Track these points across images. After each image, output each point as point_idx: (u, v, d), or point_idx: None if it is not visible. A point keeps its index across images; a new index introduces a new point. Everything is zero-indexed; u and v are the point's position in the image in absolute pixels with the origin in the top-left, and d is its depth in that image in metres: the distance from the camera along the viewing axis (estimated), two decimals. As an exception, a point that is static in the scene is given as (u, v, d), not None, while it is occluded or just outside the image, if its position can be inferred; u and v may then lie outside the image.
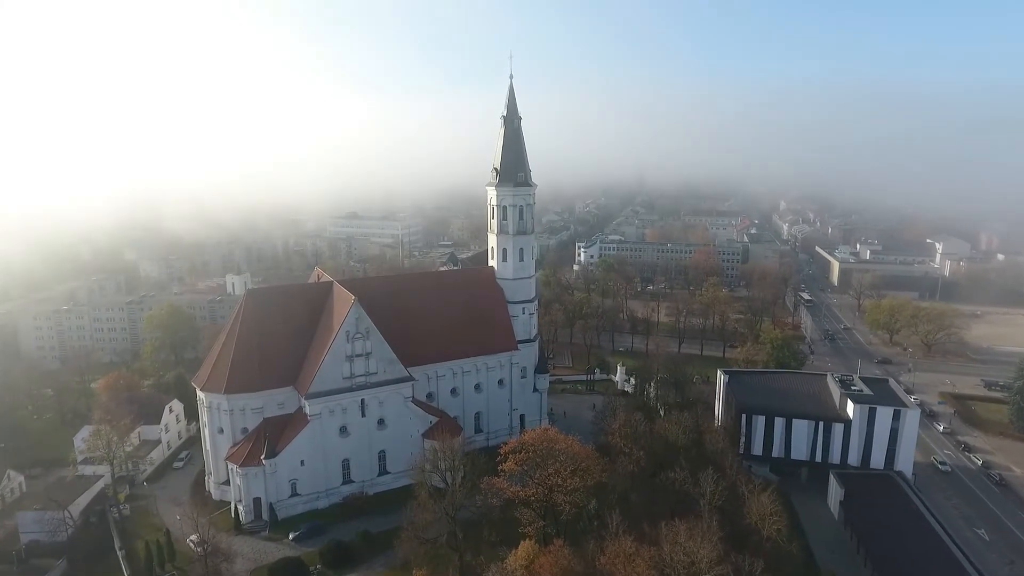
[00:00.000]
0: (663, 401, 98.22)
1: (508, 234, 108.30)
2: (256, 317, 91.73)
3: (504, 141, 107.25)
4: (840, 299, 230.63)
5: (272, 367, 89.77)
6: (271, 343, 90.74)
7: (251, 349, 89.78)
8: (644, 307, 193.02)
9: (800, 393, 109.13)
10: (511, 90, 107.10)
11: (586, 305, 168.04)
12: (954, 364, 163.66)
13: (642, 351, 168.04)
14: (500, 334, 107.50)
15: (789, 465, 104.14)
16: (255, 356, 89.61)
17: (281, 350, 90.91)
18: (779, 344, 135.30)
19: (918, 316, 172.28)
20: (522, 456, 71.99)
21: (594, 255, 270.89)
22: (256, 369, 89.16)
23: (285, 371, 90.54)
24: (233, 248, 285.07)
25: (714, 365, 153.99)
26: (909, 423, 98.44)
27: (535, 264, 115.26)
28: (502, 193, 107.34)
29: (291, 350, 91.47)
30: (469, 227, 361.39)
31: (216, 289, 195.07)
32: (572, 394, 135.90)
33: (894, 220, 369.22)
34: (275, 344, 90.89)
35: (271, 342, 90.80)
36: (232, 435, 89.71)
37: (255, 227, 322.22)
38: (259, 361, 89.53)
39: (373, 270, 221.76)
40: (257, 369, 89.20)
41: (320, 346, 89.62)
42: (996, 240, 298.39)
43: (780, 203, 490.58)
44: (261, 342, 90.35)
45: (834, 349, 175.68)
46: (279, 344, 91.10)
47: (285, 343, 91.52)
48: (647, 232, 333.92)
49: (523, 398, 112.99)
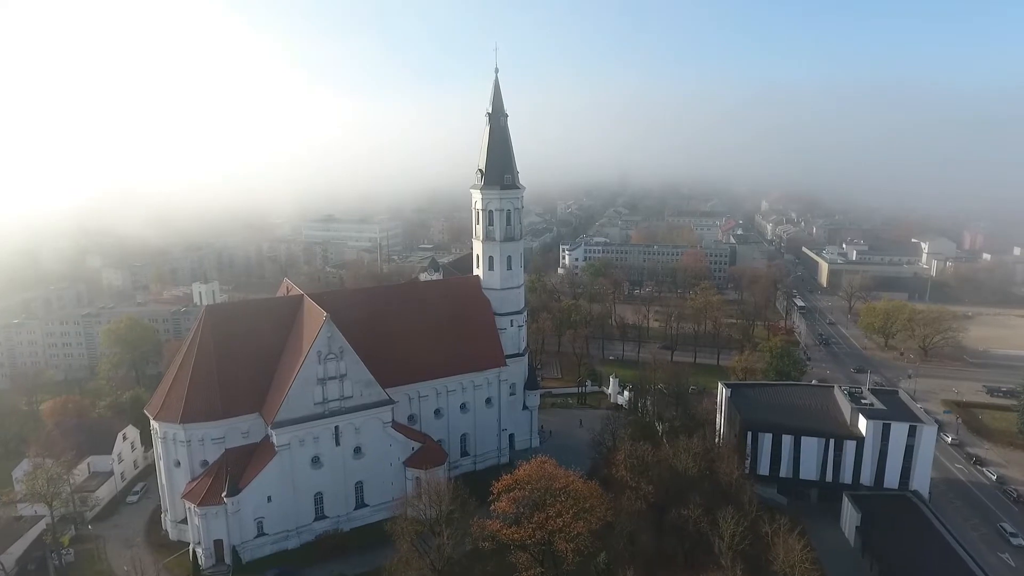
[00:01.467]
0: (664, 420, 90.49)
1: (495, 241, 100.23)
2: (216, 336, 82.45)
3: (489, 140, 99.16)
4: (830, 301, 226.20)
5: (234, 392, 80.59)
6: (233, 365, 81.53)
7: (210, 372, 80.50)
8: (633, 312, 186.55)
9: (807, 408, 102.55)
10: (496, 85, 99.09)
11: (575, 312, 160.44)
12: (952, 369, 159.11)
13: (634, 359, 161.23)
14: (487, 349, 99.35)
15: (798, 486, 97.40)
16: (215, 380, 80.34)
17: (245, 373, 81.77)
18: (779, 352, 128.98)
19: (914, 319, 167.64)
20: (517, 494, 63.85)
21: (579, 258, 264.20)
22: (216, 395, 79.91)
23: (249, 396, 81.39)
24: (203, 255, 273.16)
25: (709, 374, 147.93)
26: (926, 439, 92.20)
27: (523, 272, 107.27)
28: (488, 196, 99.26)
29: (256, 373, 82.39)
30: (450, 229, 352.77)
31: (182, 299, 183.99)
32: (562, 409, 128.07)
33: (877, 220, 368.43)
34: (238, 366, 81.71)
35: (233, 364, 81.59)
36: (190, 469, 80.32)
37: (228, 232, 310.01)
38: (220, 386, 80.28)
39: (350, 276, 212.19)
40: (217, 395, 79.96)
41: (288, 368, 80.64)
42: (980, 239, 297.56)
43: (762, 203, 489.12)
44: (222, 364, 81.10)
45: (829, 354, 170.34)
46: (242, 366, 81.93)
47: (249, 365, 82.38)
48: (631, 233, 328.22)
49: (512, 417, 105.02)
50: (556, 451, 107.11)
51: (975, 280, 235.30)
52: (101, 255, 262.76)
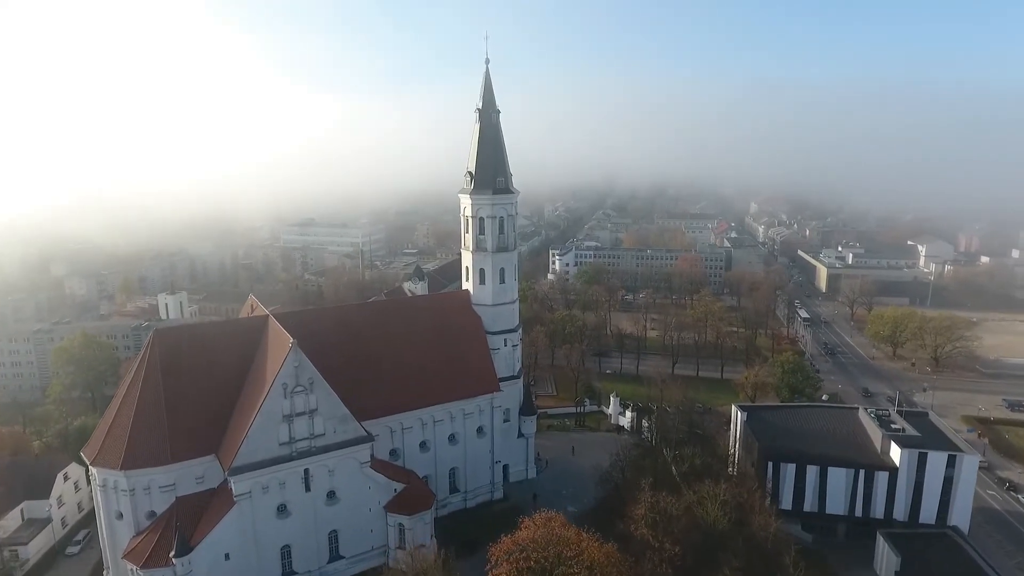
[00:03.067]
0: (683, 459, 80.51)
1: (486, 251, 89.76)
2: (165, 365, 71.09)
3: (480, 139, 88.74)
4: (831, 307, 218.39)
5: (186, 431, 69.28)
6: (185, 399, 70.23)
7: (158, 408, 69.13)
8: (629, 321, 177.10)
9: (832, 433, 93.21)
10: (487, 78, 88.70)
11: (569, 324, 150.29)
12: (967, 381, 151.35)
13: (633, 372, 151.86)
14: (478, 373, 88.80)
15: (824, 520, 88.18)
16: (163, 418, 68.97)
17: (199, 408, 70.51)
18: (790, 367, 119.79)
19: (924, 327, 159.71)
20: (520, 560, 53.44)
21: (570, 263, 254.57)
22: (164, 435, 68.56)
23: (204, 436, 70.13)
24: (175, 261, 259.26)
25: (714, 389, 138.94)
26: (966, 470, 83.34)
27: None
28: (478, 202, 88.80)
29: (212, 408, 71.14)
30: (435, 233, 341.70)
31: (147, 311, 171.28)
32: (559, 432, 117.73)
33: (871, 221, 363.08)
34: (191, 401, 70.40)
35: (185, 398, 70.29)
36: (134, 521, 68.89)
37: (203, 237, 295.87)
38: (169, 424, 68.92)
39: (329, 285, 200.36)
40: (166, 435, 68.60)
41: (250, 403, 69.53)
42: (976, 241, 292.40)
43: (751, 204, 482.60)
44: (172, 399, 69.75)
45: (837, 366, 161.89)
46: (196, 400, 70.65)
47: (204, 399, 71.12)
48: (622, 237, 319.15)
49: (506, 446, 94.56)
50: (555, 482, 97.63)
51: (976, 284, 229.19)
52: (67, 262, 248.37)
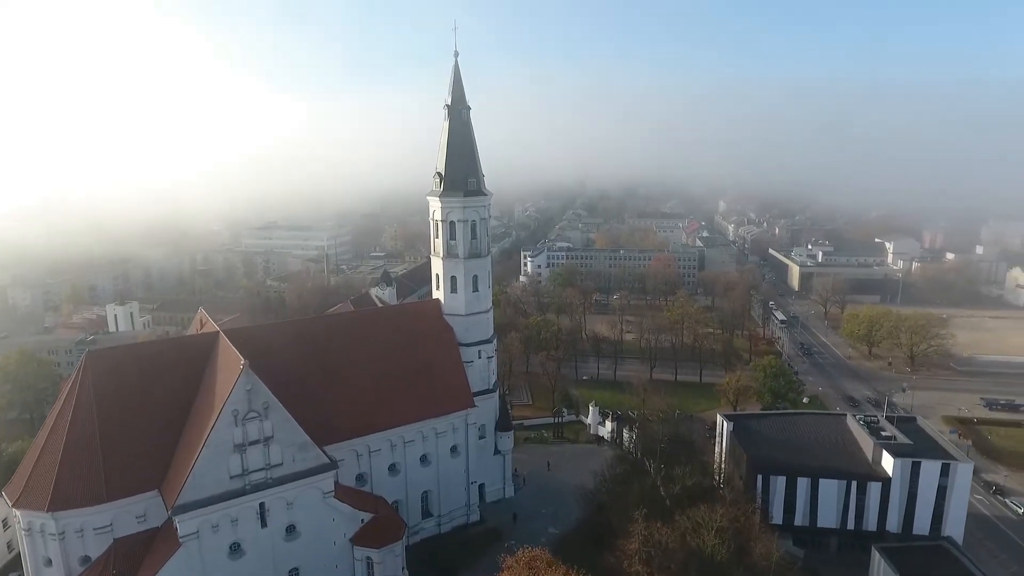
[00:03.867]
0: (671, 479, 75.67)
1: (458, 258, 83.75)
2: (100, 391, 63.45)
3: (449, 137, 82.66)
4: (804, 306, 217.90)
5: (125, 465, 61.76)
6: (123, 429, 62.69)
7: (91, 440, 61.47)
8: (605, 324, 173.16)
9: (821, 442, 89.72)
10: (456, 71, 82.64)
11: (545, 329, 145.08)
12: (943, 379, 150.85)
13: (610, 378, 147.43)
14: (451, 387, 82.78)
15: (815, 534, 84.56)
16: (97, 451, 61.34)
17: (138, 439, 63.03)
18: (772, 371, 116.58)
19: (899, 326, 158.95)
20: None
21: (541, 265, 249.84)
22: (99, 470, 60.95)
23: (145, 469, 62.65)
24: (128, 269, 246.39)
25: (693, 393, 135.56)
26: (960, 479, 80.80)
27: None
28: (448, 205, 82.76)
29: (154, 438, 63.70)
30: (403, 235, 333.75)
31: (95, 323, 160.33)
32: (537, 444, 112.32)
33: (838, 219, 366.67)
34: (129, 430, 62.91)
35: (123, 428, 62.75)
36: (65, 568, 61.14)
37: (160, 242, 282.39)
38: (104, 458, 61.32)
39: (293, 291, 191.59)
40: (100, 470, 61.01)
41: (197, 432, 62.36)
42: (941, 238, 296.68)
43: (720, 203, 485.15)
44: (107, 429, 62.16)
45: (814, 366, 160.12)
46: (135, 430, 63.17)
47: (145, 428, 63.67)
48: (594, 237, 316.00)
49: (482, 464, 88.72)
50: (534, 501, 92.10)
51: (944, 281, 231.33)
52: (9, 271, 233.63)
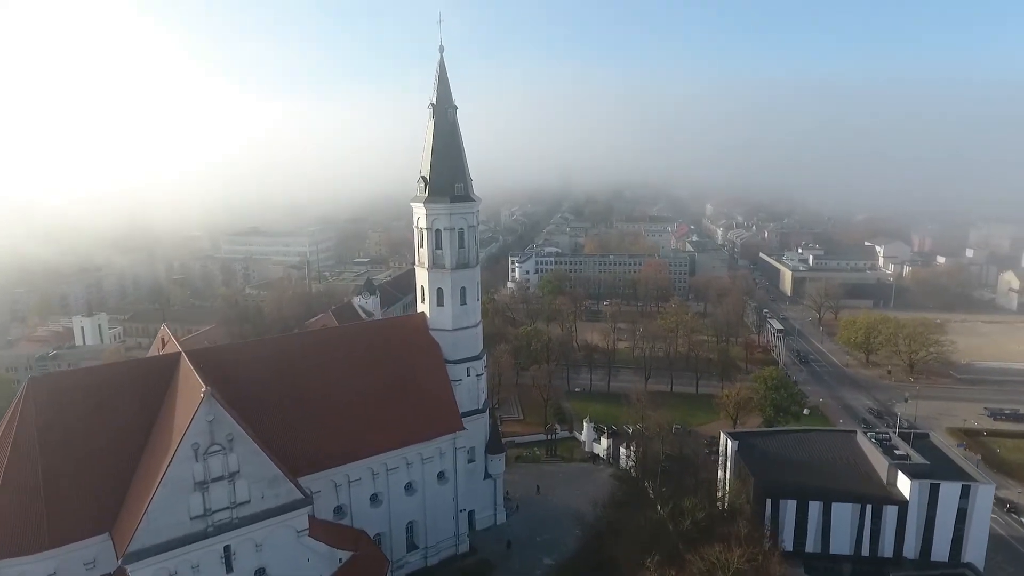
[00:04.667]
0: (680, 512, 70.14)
1: (444, 268, 77.80)
2: (44, 422, 56.66)
3: (434, 139, 76.78)
4: (798, 311, 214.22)
5: (71, 507, 55.02)
6: (69, 466, 55.94)
7: (32, 479, 54.59)
8: (594, 331, 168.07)
9: (832, 462, 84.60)
10: (441, 68, 76.82)
11: (535, 340, 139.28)
12: (943, 388, 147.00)
13: (604, 390, 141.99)
14: (438, 409, 76.65)
15: (828, 561, 79.35)
16: (39, 491, 54.51)
17: (87, 477, 56.29)
18: (774, 384, 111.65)
19: (897, 333, 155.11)
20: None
21: (530, 271, 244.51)
22: (42, 512, 54.11)
23: (94, 511, 55.89)
24: (101, 277, 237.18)
25: (690, 405, 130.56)
26: (981, 501, 75.77)
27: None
28: (434, 212, 76.81)
29: (105, 475, 56.97)
30: (387, 241, 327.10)
31: (62, 336, 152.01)
32: (529, 463, 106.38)
33: (825, 222, 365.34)
34: (77, 467, 56.16)
35: (69, 464, 56.00)
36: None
37: (133, 249, 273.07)
38: (47, 499, 54.52)
39: (272, 299, 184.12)
40: (43, 512, 54.17)
41: (153, 469, 55.70)
42: (929, 241, 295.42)
43: (707, 206, 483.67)
44: (51, 465, 55.36)
45: (812, 375, 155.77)
46: (84, 467, 56.42)
47: (95, 464, 56.92)
48: (583, 241, 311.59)
49: (472, 490, 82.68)
50: (528, 527, 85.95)
51: (935, 285, 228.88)
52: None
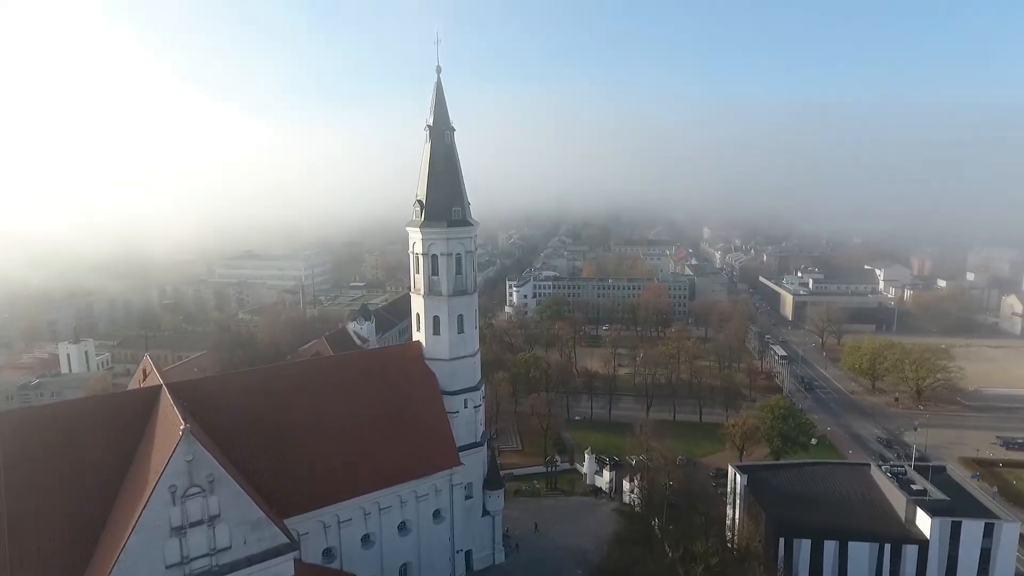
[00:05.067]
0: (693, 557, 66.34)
1: (440, 295, 74.72)
2: (10, 461, 52.98)
3: (431, 162, 74.28)
4: (799, 335, 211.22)
5: (37, 553, 51.00)
6: (38, 508, 52.07)
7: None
8: (594, 357, 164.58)
9: (847, 498, 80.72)
10: (438, 89, 74.65)
11: (534, 367, 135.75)
12: (952, 415, 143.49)
13: (605, 418, 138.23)
14: (434, 444, 72.93)
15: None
16: (3, 537, 50.59)
17: (56, 520, 52.37)
18: (781, 413, 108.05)
19: (903, 359, 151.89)
20: None
21: (527, 295, 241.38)
22: (4, 561, 50.11)
23: (63, 558, 51.86)
24: (92, 302, 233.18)
25: (694, 435, 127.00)
26: (1006, 540, 71.89)
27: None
28: (430, 236, 73.97)
29: (76, 519, 53.05)
30: (384, 264, 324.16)
31: (47, 363, 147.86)
32: (528, 498, 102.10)
33: (823, 245, 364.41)
34: (45, 510, 52.28)
35: (37, 507, 52.13)
36: None
37: (128, 273, 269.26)
38: (11, 544, 50.51)
39: (265, 325, 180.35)
40: (6, 560, 50.16)
41: (127, 512, 51.81)
42: (929, 264, 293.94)
43: (704, 229, 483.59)
44: (17, 509, 51.51)
45: (817, 402, 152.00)
46: (53, 510, 52.54)
47: (64, 507, 53.04)
48: (580, 265, 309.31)
49: (469, 529, 78.48)
50: (528, 568, 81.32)
51: (938, 309, 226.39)
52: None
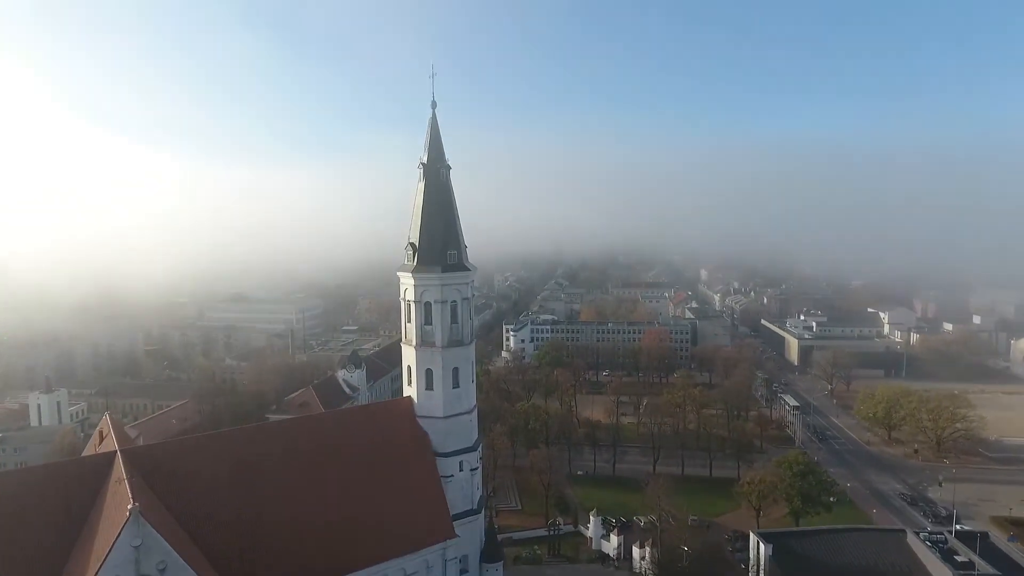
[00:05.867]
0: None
1: (435, 346, 68.34)
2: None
3: (424, 202, 69.00)
4: (806, 381, 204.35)
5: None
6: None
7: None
8: (595, 405, 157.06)
9: (882, 571, 72.97)
10: (433, 125, 69.99)
11: (534, 418, 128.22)
12: (974, 468, 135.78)
13: (609, 473, 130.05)
14: (426, 512, 65.38)
15: None
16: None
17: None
18: (800, 470, 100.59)
19: (921, 407, 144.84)
20: None
21: (525, 339, 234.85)
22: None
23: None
24: (73, 346, 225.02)
25: (705, 491, 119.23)
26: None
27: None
28: (424, 282, 68.08)
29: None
30: (377, 307, 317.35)
31: (16, 415, 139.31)
32: (530, 565, 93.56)
33: (823, 288, 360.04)
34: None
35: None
36: None
37: (115, 316, 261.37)
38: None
39: (251, 371, 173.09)
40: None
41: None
42: (933, 307, 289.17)
43: (701, 272, 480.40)
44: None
45: (832, 454, 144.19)
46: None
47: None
48: (578, 308, 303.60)
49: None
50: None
51: (947, 353, 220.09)
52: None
